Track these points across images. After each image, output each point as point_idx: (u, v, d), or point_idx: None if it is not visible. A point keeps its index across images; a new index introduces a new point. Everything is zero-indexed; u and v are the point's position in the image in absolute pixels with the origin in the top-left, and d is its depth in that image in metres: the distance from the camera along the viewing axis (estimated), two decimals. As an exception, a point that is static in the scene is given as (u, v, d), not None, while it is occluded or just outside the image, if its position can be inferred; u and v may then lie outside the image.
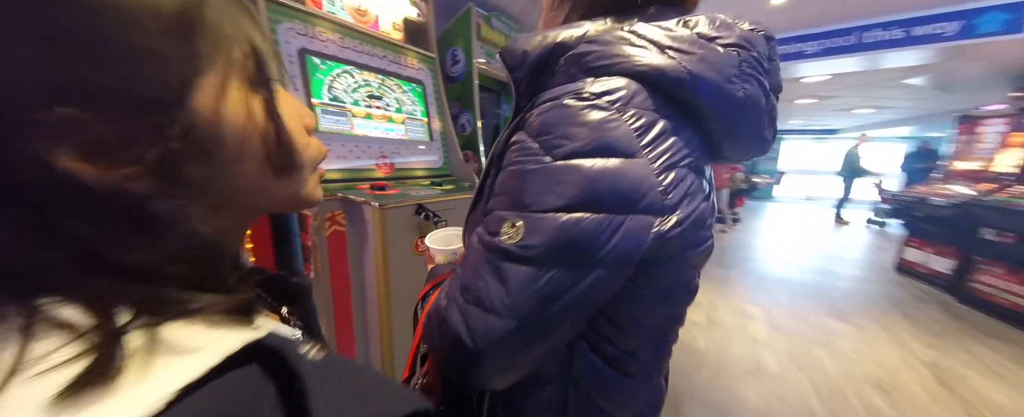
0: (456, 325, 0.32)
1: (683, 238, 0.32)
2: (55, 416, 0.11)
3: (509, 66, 0.39)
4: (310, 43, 1.09)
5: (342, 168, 1.11)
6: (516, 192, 0.33)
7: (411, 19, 1.43)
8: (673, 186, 0.31)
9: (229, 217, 0.21)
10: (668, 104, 0.32)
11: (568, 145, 0.31)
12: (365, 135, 1.19)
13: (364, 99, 1.22)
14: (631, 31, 0.34)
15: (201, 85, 0.17)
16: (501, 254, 0.31)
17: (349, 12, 1.22)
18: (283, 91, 0.23)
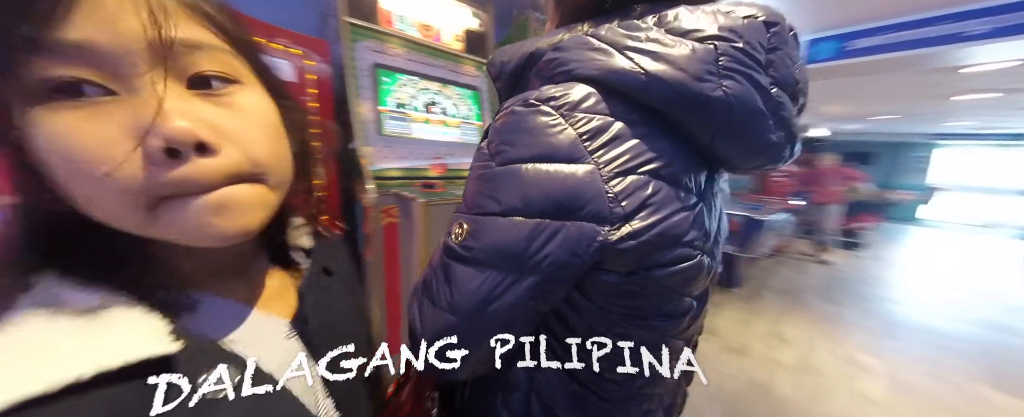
0: (413, 317, 0.35)
1: (642, 252, 0.29)
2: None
3: (492, 76, 0.40)
4: (381, 58, 1.25)
5: (401, 167, 1.25)
6: (467, 195, 0.34)
7: (471, 30, 1.53)
8: (627, 194, 0.29)
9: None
10: (633, 109, 0.31)
11: (509, 151, 0.31)
12: (422, 138, 1.32)
13: (423, 105, 1.35)
14: (593, 34, 0.33)
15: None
16: (450, 253, 0.33)
17: (416, 28, 1.36)
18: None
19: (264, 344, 0.28)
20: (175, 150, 0.20)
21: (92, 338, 0.20)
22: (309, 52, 1.02)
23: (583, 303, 0.33)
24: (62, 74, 0.19)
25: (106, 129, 0.19)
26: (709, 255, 0.35)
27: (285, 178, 0.28)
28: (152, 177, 0.20)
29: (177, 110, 0.20)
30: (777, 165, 0.35)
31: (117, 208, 0.21)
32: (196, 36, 0.22)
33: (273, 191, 0.26)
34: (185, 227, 0.22)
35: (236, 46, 0.24)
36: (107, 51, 0.19)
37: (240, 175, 0.23)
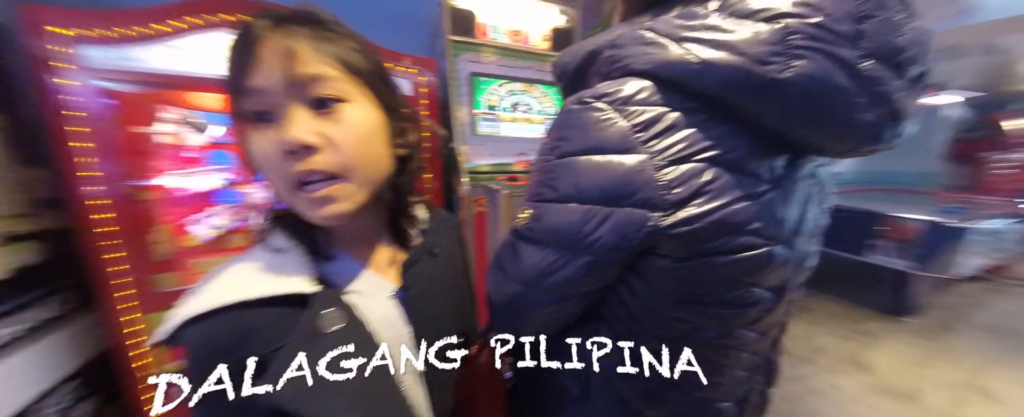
0: (488, 281, 0.42)
1: (697, 238, 0.30)
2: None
3: (556, 76, 0.43)
4: (476, 67, 1.42)
5: (490, 163, 1.41)
6: (531, 185, 0.38)
7: (558, 27, 1.57)
8: (680, 181, 0.29)
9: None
10: (689, 97, 0.31)
11: (564, 145, 0.34)
12: (509, 136, 1.45)
13: (511, 106, 1.48)
14: (648, 27, 0.34)
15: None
16: (517, 234, 0.38)
17: (507, 35, 1.49)
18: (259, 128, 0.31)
19: (372, 297, 0.38)
20: (290, 151, 0.30)
21: (279, 273, 0.34)
22: (422, 69, 1.25)
23: (639, 285, 0.34)
24: (252, 108, 0.31)
25: (271, 141, 0.31)
26: (787, 246, 0.33)
27: (372, 176, 0.36)
28: (286, 169, 0.31)
29: (296, 125, 0.30)
30: (877, 147, 0.31)
31: (281, 189, 0.33)
32: (315, 71, 0.31)
33: (360, 188, 0.34)
34: (304, 209, 0.33)
35: (350, 72, 0.33)
36: (267, 90, 0.30)
37: (335, 171, 0.32)
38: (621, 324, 0.37)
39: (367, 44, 0.36)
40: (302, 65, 0.30)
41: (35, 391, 0.91)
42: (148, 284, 0.99)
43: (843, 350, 1.93)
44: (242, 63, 0.31)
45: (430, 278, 0.43)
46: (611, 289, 0.36)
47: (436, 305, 0.43)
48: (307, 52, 0.31)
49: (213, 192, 1.10)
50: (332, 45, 0.32)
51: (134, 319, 0.99)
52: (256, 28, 0.31)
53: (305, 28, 0.32)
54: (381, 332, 0.37)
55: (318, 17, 0.33)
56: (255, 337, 0.31)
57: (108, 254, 0.93)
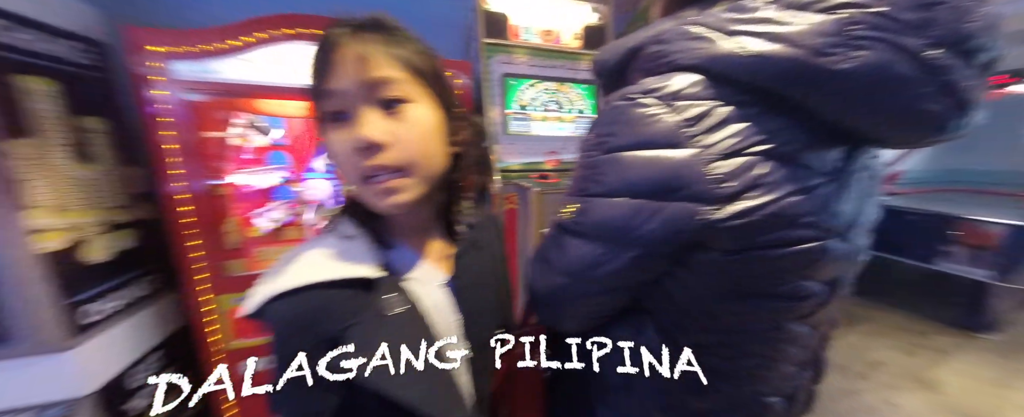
0: (532, 274, 0.43)
1: (750, 231, 0.30)
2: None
3: (596, 73, 0.43)
4: (508, 67, 1.45)
5: (521, 162, 1.44)
6: (576, 180, 0.39)
7: (590, 25, 1.57)
8: (733, 175, 0.29)
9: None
10: (742, 90, 0.31)
11: (611, 141, 0.34)
12: (540, 135, 1.47)
13: (542, 105, 1.49)
14: (694, 21, 0.33)
15: None
16: (561, 228, 0.39)
17: (538, 35, 1.51)
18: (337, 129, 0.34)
19: (426, 285, 0.41)
20: (362, 148, 0.33)
21: (350, 258, 0.37)
22: (458, 72, 1.31)
23: (688, 278, 0.34)
24: (331, 109, 0.35)
25: (346, 139, 0.34)
26: (842, 239, 0.33)
27: (431, 172, 0.38)
28: (357, 163, 0.34)
29: (366, 124, 0.33)
30: (941, 138, 0.30)
31: (352, 181, 0.36)
32: (386, 74, 0.34)
33: (420, 182, 0.37)
34: (370, 199, 0.37)
35: (415, 75, 0.36)
36: (343, 92, 0.33)
37: (399, 166, 0.35)
38: (667, 316, 0.37)
39: (428, 47, 0.38)
40: (373, 69, 0.33)
41: (129, 359, 1.06)
42: (220, 269, 1.12)
43: (905, 365, 1.76)
44: (322, 68, 0.34)
45: (477, 270, 0.46)
46: (657, 282, 0.36)
47: (481, 296, 0.46)
48: (378, 57, 0.34)
49: (272, 189, 1.22)
50: (399, 49, 0.35)
51: (208, 300, 1.12)
52: (334, 36, 0.34)
53: (376, 35, 0.35)
54: (434, 318, 0.39)
55: (387, 24, 0.36)
56: (330, 314, 0.35)
57: (189, 242, 1.07)
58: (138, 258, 1.10)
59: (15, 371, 0.85)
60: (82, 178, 0.94)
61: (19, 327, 0.82)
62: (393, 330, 0.35)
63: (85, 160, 0.95)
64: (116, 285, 1.02)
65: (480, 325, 0.44)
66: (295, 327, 0.34)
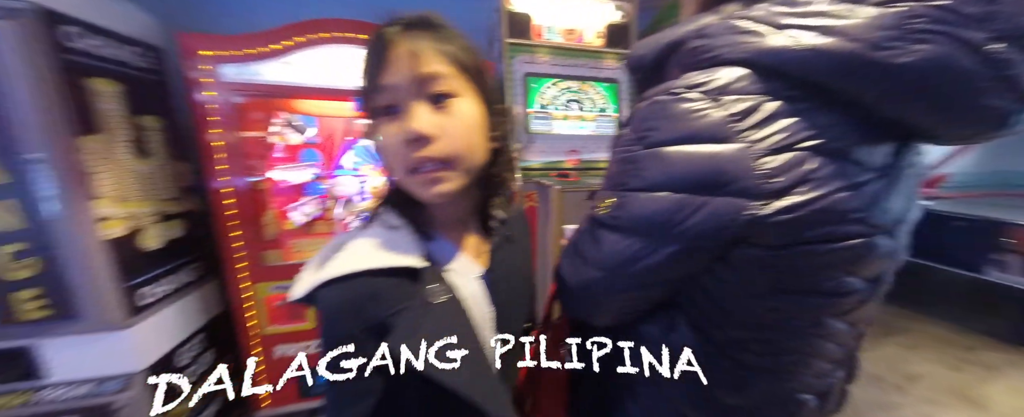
0: (564, 268, 0.42)
1: (798, 227, 0.29)
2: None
3: (630, 69, 0.43)
4: (531, 67, 1.47)
5: (541, 160, 1.45)
6: (612, 175, 0.38)
7: (613, 23, 1.56)
8: (782, 170, 0.29)
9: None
10: (792, 85, 0.30)
11: (653, 136, 0.34)
12: (560, 133, 1.48)
13: (563, 104, 1.50)
14: (743, 15, 0.33)
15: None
16: (597, 222, 0.38)
17: (561, 34, 1.52)
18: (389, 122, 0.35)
19: (463, 277, 0.42)
20: (411, 140, 0.35)
21: (396, 248, 0.38)
22: (479, 72, 1.34)
23: (726, 274, 0.34)
24: (383, 103, 0.36)
25: (395, 131, 0.36)
26: (890, 236, 0.32)
27: (474, 165, 0.39)
28: (406, 155, 0.36)
29: (416, 118, 0.34)
30: (1001, 133, 0.30)
31: (399, 173, 0.38)
32: (435, 70, 0.35)
33: (463, 174, 0.38)
34: (416, 189, 0.38)
35: (462, 70, 0.37)
36: (395, 87, 0.35)
37: (444, 159, 0.36)
38: (700, 312, 0.37)
39: (472, 44, 0.39)
40: (424, 64, 0.35)
41: (177, 339, 1.14)
42: (258, 259, 1.19)
43: (948, 380, 1.65)
44: (377, 64, 0.35)
45: (509, 264, 0.47)
46: (692, 278, 0.36)
47: (513, 289, 0.47)
48: (428, 53, 0.35)
49: (304, 185, 1.29)
50: (447, 45, 0.36)
51: (247, 287, 1.20)
52: (388, 34, 0.35)
53: (426, 32, 0.36)
54: (472, 310, 0.40)
55: (436, 22, 0.37)
56: (378, 301, 0.36)
57: (231, 233, 1.15)
58: (186, 247, 1.18)
59: (81, 346, 0.94)
60: (140, 171, 1.03)
61: (85, 306, 0.90)
62: (438, 318, 0.36)
63: (142, 155, 1.04)
64: (167, 271, 1.11)
65: (511, 318, 0.45)
66: (345, 312, 0.35)
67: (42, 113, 0.80)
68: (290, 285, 0.39)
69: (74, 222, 0.86)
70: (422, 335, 0.34)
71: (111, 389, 0.97)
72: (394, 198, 0.42)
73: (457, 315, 0.39)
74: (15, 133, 0.79)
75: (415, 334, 0.34)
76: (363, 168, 1.38)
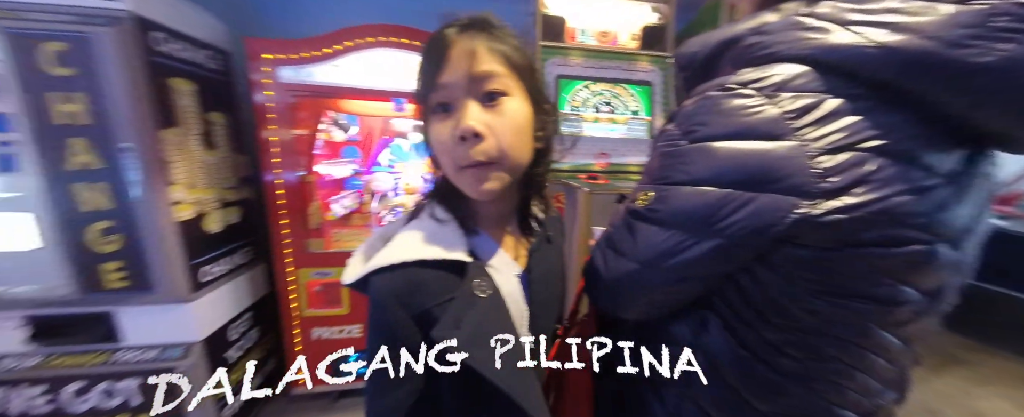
0: (597, 260, 0.42)
1: (851, 228, 0.28)
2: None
3: (679, 66, 0.42)
4: (563, 69, 1.48)
5: (570, 162, 1.46)
6: (653, 169, 0.38)
7: (649, 25, 1.54)
8: (839, 170, 0.28)
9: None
10: (855, 83, 0.29)
11: (702, 131, 0.33)
12: (591, 135, 1.48)
13: (594, 106, 1.50)
14: (808, 12, 0.32)
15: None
16: (634, 215, 0.38)
17: (595, 37, 1.52)
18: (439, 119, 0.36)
19: (504, 274, 0.42)
20: (463, 137, 0.35)
21: (444, 241, 0.39)
22: (513, 74, 1.37)
23: (765, 274, 0.33)
24: (439, 100, 0.37)
25: (447, 128, 0.36)
26: (953, 246, 0.31)
27: (519, 164, 0.39)
28: (457, 152, 0.36)
29: (469, 116, 0.35)
30: None
31: (449, 170, 0.39)
32: (489, 68, 0.36)
33: (509, 172, 0.38)
34: (465, 185, 0.38)
35: (513, 70, 0.37)
36: (451, 85, 0.36)
37: (493, 157, 0.36)
38: (731, 312, 0.36)
39: (524, 44, 0.40)
40: (479, 63, 0.35)
41: (230, 315, 1.26)
42: (302, 247, 1.29)
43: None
44: (434, 63, 0.36)
45: (547, 264, 0.47)
46: (727, 276, 0.35)
47: (549, 289, 0.47)
48: (482, 52, 0.36)
49: (345, 179, 1.37)
50: (501, 45, 0.37)
51: (291, 272, 1.30)
52: (447, 34, 0.36)
53: (482, 32, 0.37)
54: (511, 307, 0.41)
55: (492, 22, 0.38)
56: (425, 290, 0.37)
57: (280, 221, 1.25)
58: (240, 232, 1.30)
59: (152, 315, 1.06)
60: (207, 162, 1.14)
61: (158, 279, 1.02)
62: (483, 312, 0.37)
63: (209, 147, 1.16)
64: (224, 252, 1.22)
65: (545, 318, 0.46)
66: (393, 299, 0.36)
67: (132, 108, 0.92)
68: (329, 272, 0.42)
69: (153, 204, 0.98)
70: (467, 327, 0.35)
71: (173, 356, 1.08)
72: (442, 192, 0.43)
73: (500, 311, 0.39)
74: (110, 125, 0.91)
75: (459, 326, 0.35)
76: (397, 165, 1.46)
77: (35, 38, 0.84)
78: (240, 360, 1.30)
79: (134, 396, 1.07)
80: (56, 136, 0.89)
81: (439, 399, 0.39)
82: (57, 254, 0.94)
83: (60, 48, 0.85)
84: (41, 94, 0.86)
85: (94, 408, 1.05)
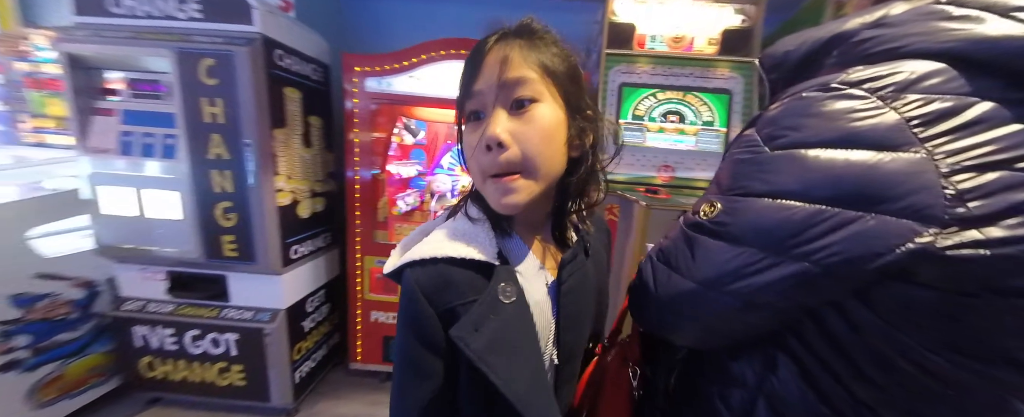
0: (646, 274, 0.38)
1: (995, 269, 0.23)
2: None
3: (765, 68, 0.38)
4: (628, 77, 1.43)
5: (629, 174, 1.39)
6: (722, 178, 0.34)
7: (731, 28, 1.41)
8: (983, 193, 0.23)
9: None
10: (1013, 85, 0.24)
11: (791, 136, 0.29)
12: (654, 146, 1.39)
13: (661, 115, 1.41)
14: (952, 1, 0.27)
15: None
16: (695, 227, 0.34)
17: (667, 43, 1.44)
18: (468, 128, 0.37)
19: (532, 283, 0.41)
20: (489, 146, 0.35)
21: (475, 242, 0.38)
22: (574, 83, 1.36)
23: (863, 314, 0.27)
24: (472, 108, 0.37)
25: (476, 137, 0.36)
26: None
27: (549, 172, 0.37)
28: (482, 160, 0.36)
29: (495, 124, 0.35)
30: None
31: (476, 178, 0.38)
32: (520, 74, 0.35)
33: (537, 182, 0.37)
34: (490, 196, 0.38)
35: (547, 74, 0.36)
36: (483, 92, 0.36)
37: (517, 165, 0.35)
38: (812, 356, 0.30)
39: (567, 49, 0.39)
40: (510, 70, 0.35)
41: (308, 290, 1.45)
42: (370, 236, 1.44)
43: None
44: (470, 71, 0.37)
45: (581, 277, 0.44)
46: (814, 315, 0.29)
47: (581, 303, 0.44)
48: (515, 58, 0.35)
49: (410, 179, 1.50)
50: (537, 52, 0.36)
51: (358, 258, 1.45)
52: (486, 43, 0.37)
53: (519, 39, 0.37)
54: (536, 316, 0.39)
55: (533, 28, 0.38)
56: (452, 288, 0.36)
57: (355, 212, 1.41)
58: (323, 219, 1.50)
59: (252, 282, 1.27)
60: (304, 157, 1.35)
61: (260, 253, 1.22)
62: (504, 318, 0.36)
63: (307, 145, 1.36)
64: (309, 236, 1.42)
65: (574, 333, 0.43)
66: (421, 293, 0.36)
67: (255, 111, 1.12)
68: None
69: (262, 190, 1.18)
70: (486, 331, 0.34)
71: (264, 318, 1.28)
72: (477, 192, 0.43)
73: (522, 319, 0.38)
74: (239, 124, 1.12)
75: (479, 328, 0.34)
76: (457, 168, 1.55)
77: (195, 55, 1.08)
78: (312, 330, 1.48)
79: (233, 347, 1.28)
80: (202, 132, 1.13)
81: (456, 404, 0.38)
82: (192, 225, 1.18)
83: (210, 63, 1.08)
84: (196, 99, 1.11)
85: (205, 352, 1.29)
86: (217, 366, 1.30)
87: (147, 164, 1.17)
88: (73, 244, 1.22)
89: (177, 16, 1.10)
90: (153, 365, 1.31)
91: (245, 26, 1.10)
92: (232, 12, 1.09)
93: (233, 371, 1.31)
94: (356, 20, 1.76)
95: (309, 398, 1.48)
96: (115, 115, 1.18)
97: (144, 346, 1.29)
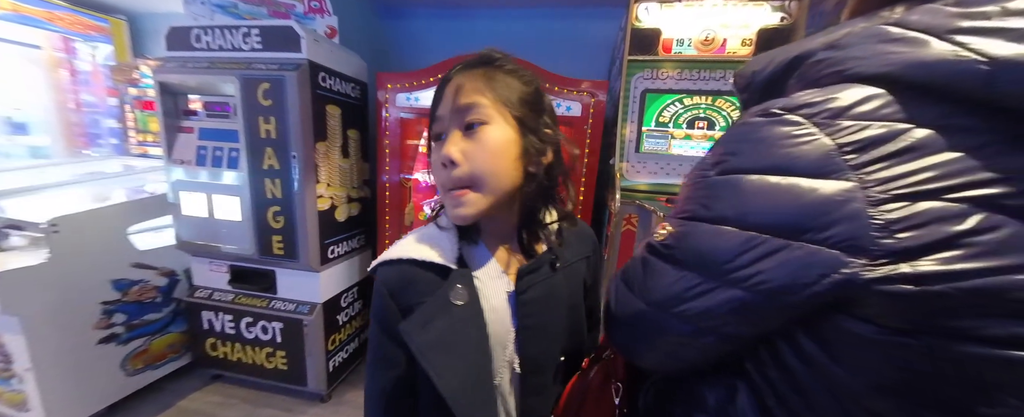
0: (610, 291, 0.40)
1: (934, 308, 0.22)
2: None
3: (738, 88, 0.38)
4: (651, 83, 1.39)
5: (651, 182, 1.35)
6: (679, 201, 0.35)
7: (768, 27, 1.32)
8: (914, 224, 0.22)
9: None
10: (961, 111, 0.23)
11: (731, 161, 0.30)
12: (678, 154, 1.34)
13: (687, 122, 1.36)
14: (898, 22, 0.26)
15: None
16: (651, 249, 0.35)
17: (695, 46, 1.38)
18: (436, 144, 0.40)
19: (490, 287, 0.43)
20: (443, 163, 0.39)
21: (437, 246, 0.42)
22: (593, 91, 1.36)
23: (810, 348, 0.27)
24: (436, 131, 0.41)
25: (438, 155, 0.40)
26: None
27: (498, 186, 0.40)
28: (440, 176, 0.40)
29: (449, 144, 0.39)
30: None
31: (439, 192, 0.42)
32: (470, 100, 0.38)
33: (485, 196, 0.39)
34: (447, 208, 0.41)
35: (498, 100, 0.39)
36: (442, 117, 0.40)
37: (466, 182, 0.39)
38: (769, 388, 0.30)
39: (528, 76, 0.42)
40: (463, 96, 0.39)
41: (342, 287, 1.58)
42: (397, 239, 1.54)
43: None
44: (437, 98, 0.41)
45: (545, 289, 0.45)
46: (769, 345, 0.29)
47: (545, 315, 0.45)
48: (469, 87, 0.39)
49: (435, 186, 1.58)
50: (490, 79, 0.40)
51: (387, 260, 1.56)
52: (451, 73, 0.41)
53: (479, 68, 0.40)
54: (492, 322, 0.42)
55: (490, 57, 0.41)
56: (413, 288, 0.41)
57: (384, 216, 1.52)
58: (357, 222, 1.63)
59: (295, 278, 1.42)
60: (342, 167, 1.49)
61: (302, 252, 1.36)
62: (452, 319, 0.39)
63: (345, 156, 1.50)
64: (344, 237, 1.55)
65: (539, 345, 0.45)
66: (386, 289, 0.41)
67: (301, 127, 1.27)
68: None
69: (305, 197, 1.32)
70: (433, 329, 0.37)
71: (304, 311, 1.43)
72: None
73: (472, 321, 0.40)
74: (287, 139, 1.28)
75: (426, 325, 0.37)
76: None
77: (255, 80, 1.25)
78: (346, 324, 1.62)
79: (278, 335, 1.44)
80: (259, 146, 1.30)
81: (417, 394, 0.42)
82: (249, 225, 1.36)
83: (266, 86, 1.25)
84: (255, 117, 1.28)
85: (256, 337, 1.47)
86: (265, 351, 1.47)
87: (217, 173, 1.37)
88: (161, 239, 1.47)
89: (242, 48, 1.29)
90: (216, 346, 1.52)
91: (294, 53, 1.25)
92: (285, 41, 1.25)
93: (277, 356, 1.47)
94: (395, 38, 1.91)
95: (340, 387, 1.61)
96: (193, 132, 1.40)
97: (210, 329, 1.50)
